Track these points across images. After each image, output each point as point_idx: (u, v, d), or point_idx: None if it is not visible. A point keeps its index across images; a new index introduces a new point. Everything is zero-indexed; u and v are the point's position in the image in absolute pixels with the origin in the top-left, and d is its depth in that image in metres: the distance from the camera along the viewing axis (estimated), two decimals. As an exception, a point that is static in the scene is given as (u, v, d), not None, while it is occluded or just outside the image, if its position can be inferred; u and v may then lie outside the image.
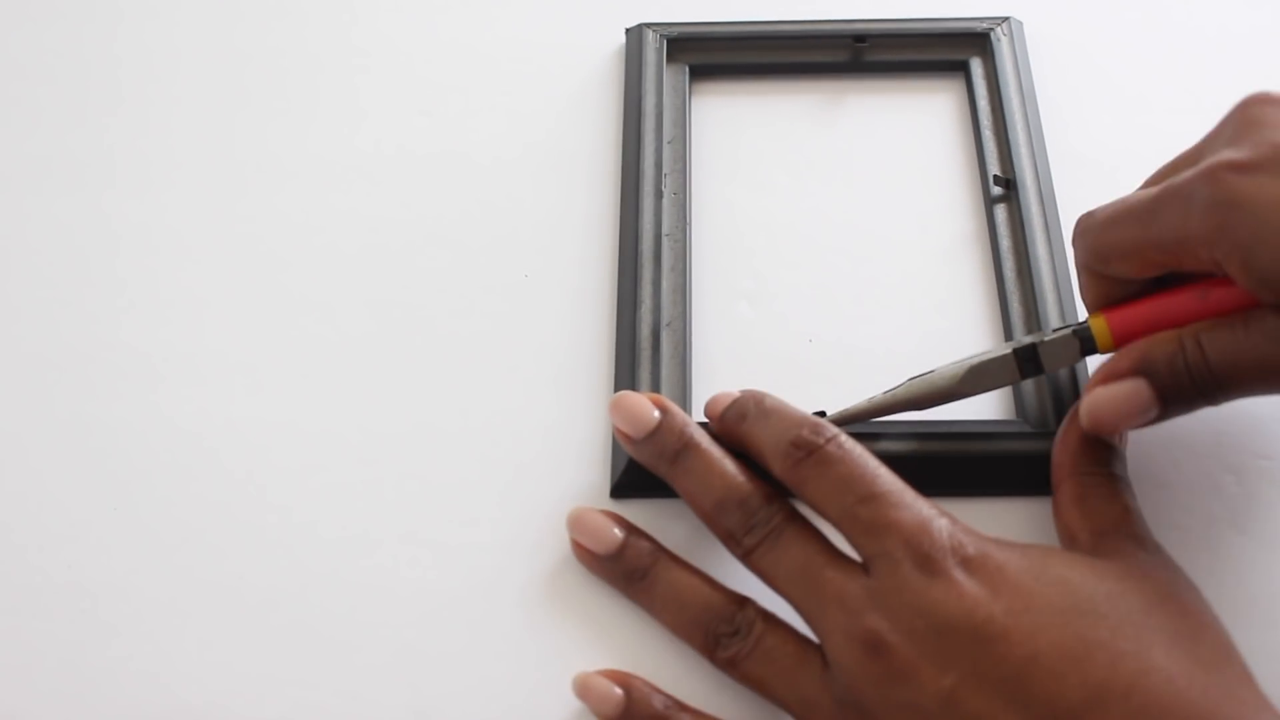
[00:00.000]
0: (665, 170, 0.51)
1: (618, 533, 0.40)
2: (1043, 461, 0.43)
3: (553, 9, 0.58)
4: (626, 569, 0.40)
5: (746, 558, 0.38)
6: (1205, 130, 0.39)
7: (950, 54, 0.55)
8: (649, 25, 0.56)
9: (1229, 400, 0.37)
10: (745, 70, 0.56)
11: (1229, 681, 0.33)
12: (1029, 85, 0.54)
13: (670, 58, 0.55)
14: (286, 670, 0.40)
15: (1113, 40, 0.57)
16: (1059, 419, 0.44)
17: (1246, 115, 0.37)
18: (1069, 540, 0.39)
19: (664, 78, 0.54)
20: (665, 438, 0.40)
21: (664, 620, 0.39)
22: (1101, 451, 0.40)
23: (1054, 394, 0.45)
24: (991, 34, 0.55)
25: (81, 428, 0.46)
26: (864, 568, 0.36)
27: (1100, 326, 0.40)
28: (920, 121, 0.54)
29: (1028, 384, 0.45)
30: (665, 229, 0.50)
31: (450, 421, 0.46)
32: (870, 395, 0.43)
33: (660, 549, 0.40)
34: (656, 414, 0.41)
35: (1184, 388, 0.37)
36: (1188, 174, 0.36)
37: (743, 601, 0.38)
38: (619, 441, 0.42)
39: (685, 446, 0.40)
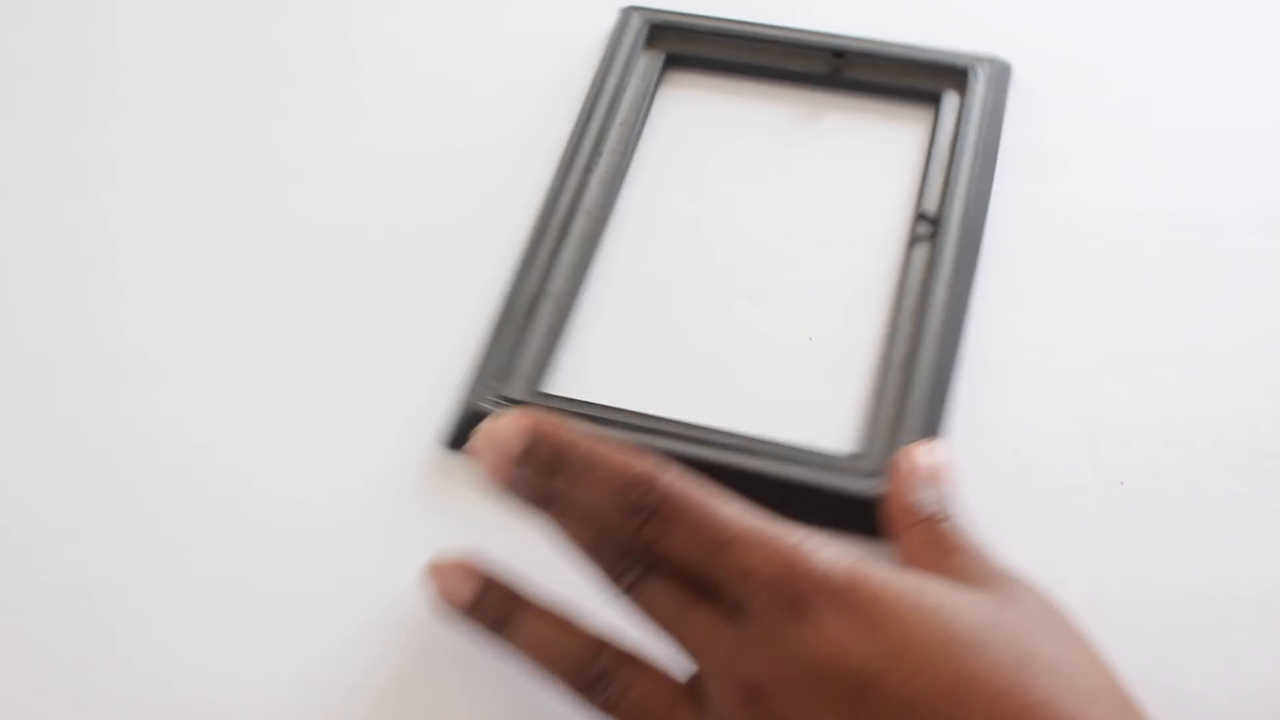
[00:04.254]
0: (604, 149, 0.52)
1: (471, 585, 0.38)
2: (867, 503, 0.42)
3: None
4: (487, 620, 0.38)
5: (624, 595, 0.37)
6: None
7: (925, 84, 0.54)
8: (637, 8, 0.56)
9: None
10: (721, 66, 0.56)
11: (1111, 714, 0.32)
12: (995, 128, 0.53)
13: (649, 43, 0.56)
14: (287, 669, 0.40)
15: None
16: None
17: None
18: None
19: (639, 61, 0.55)
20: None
21: (534, 669, 0.38)
22: (943, 500, 0.39)
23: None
24: (970, 71, 0.54)
25: (80, 427, 0.45)
26: (734, 610, 0.34)
27: None
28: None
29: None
30: (586, 205, 0.50)
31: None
32: None
33: (517, 596, 0.38)
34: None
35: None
36: None
37: (599, 646, 0.37)
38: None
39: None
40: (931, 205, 0.50)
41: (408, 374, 0.47)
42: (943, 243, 0.49)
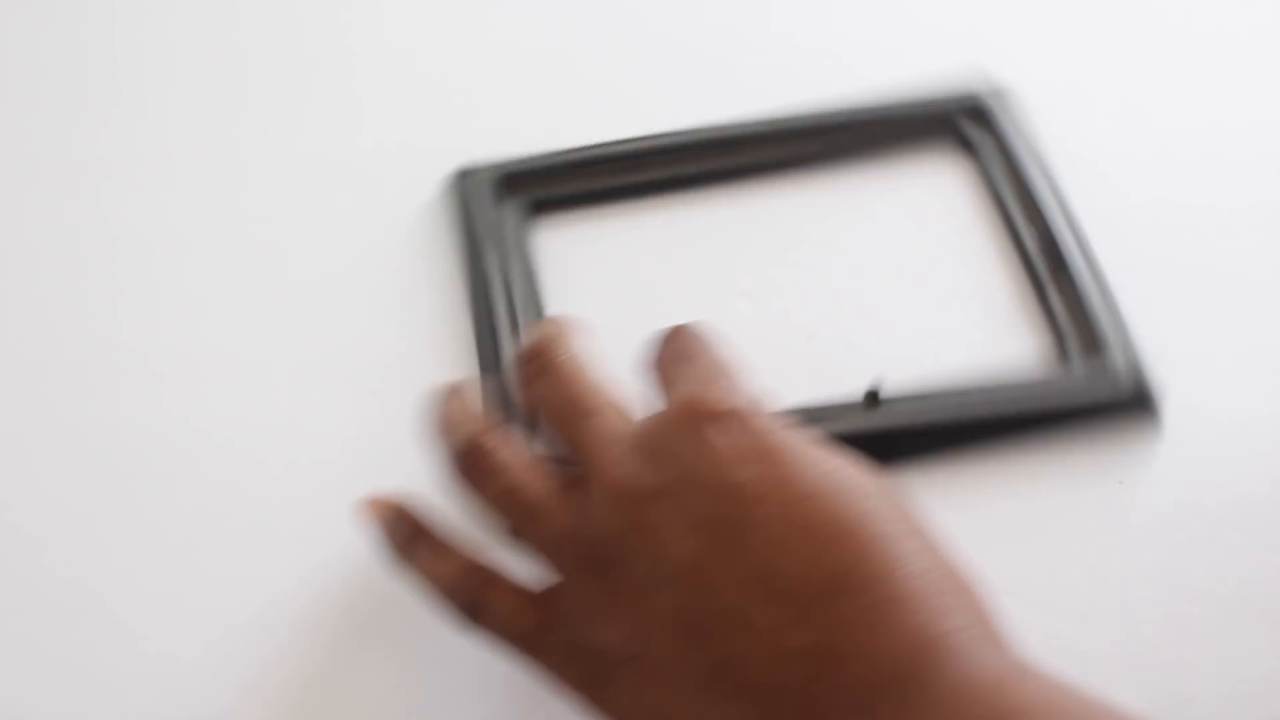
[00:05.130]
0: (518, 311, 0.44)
1: (388, 512, 0.39)
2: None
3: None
4: (398, 543, 0.38)
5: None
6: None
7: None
8: (469, 170, 0.47)
9: None
10: (591, 198, 0.47)
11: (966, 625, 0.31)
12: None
13: (506, 194, 0.46)
14: (295, 668, 0.40)
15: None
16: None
17: None
18: None
19: (501, 215, 0.45)
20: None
21: (427, 595, 0.39)
22: None
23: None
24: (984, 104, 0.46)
25: (84, 426, 0.46)
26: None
27: None
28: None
29: None
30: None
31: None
32: None
33: (420, 525, 0.38)
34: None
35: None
36: None
37: (471, 569, 0.37)
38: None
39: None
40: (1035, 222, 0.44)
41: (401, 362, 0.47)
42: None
